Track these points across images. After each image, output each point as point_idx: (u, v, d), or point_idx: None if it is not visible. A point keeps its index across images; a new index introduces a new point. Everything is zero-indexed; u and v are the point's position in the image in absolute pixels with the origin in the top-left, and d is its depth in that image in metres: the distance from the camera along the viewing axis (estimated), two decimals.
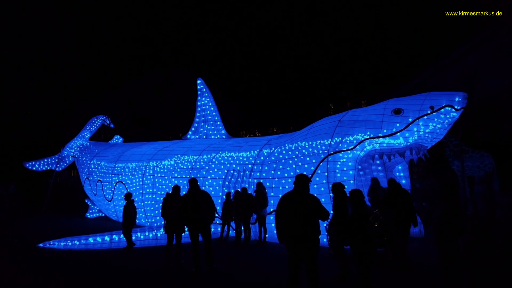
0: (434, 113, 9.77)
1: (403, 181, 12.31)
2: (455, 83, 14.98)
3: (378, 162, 12.21)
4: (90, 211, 19.34)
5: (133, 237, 10.81)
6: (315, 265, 5.66)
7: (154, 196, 14.59)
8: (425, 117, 9.80)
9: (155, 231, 11.41)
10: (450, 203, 6.22)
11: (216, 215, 12.13)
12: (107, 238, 10.98)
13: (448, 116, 9.92)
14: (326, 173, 10.37)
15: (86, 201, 19.62)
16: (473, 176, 16.51)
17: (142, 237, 11.15)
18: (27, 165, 21.10)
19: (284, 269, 5.98)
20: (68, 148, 21.05)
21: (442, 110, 9.77)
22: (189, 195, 8.17)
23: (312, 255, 5.64)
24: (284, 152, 11.97)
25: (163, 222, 9.62)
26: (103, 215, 18.66)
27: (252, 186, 12.05)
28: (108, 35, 35.41)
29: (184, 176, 13.91)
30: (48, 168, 21.35)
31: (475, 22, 16.56)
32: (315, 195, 10.14)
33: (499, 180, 16.03)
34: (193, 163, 14.04)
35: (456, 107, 9.79)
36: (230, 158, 13.41)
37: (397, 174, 12.45)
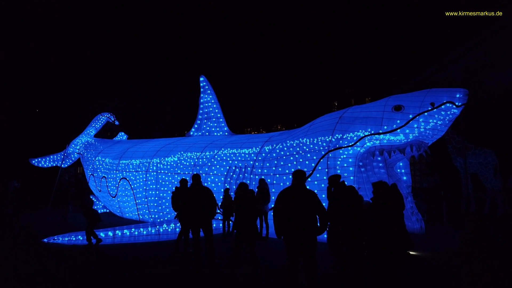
0: (435, 109, 9.79)
1: (404, 178, 12.35)
2: (457, 81, 14.96)
3: (379, 158, 12.25)
4: (95, 207, 19.54)
5: (120, 233, 11.23)
6: (313, 260, 5.72)
7: (157, 192, 14.74)
8: (426, 113, 9.82)
9: (157, 226, 11.55)
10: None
11: (218, 210, 12.31)
12: (110, 233, 11.13)
13: (449, 112, 9.93)
14: (326, 170, 10.43)
15: (91, 197, 19.83)
16: (476, 173, 16.48)
17: (144, 232, 11.30)
18: (33, 161, 21.38)
19: (285, 264, 6.06)
20: (73, 145, 21.29)
21: (442, 106, 9.80)
22: (191, 191, 8.29)
23: (310, 250, 5.71)
24: (285, 148, 12.04)
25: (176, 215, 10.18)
26: (108, 211, 18.88)
27: (254, 183, 12.14)
28: (113, 33, 35.59)
29: (187, 172, 14.03)
30: (54, 164, 21.62)
31: (475, 22, 16.52)
32: (316, 191, 10.27)
33: (502, 178, 15.99)
34: (196, 160, 14.16)
35: (457, 103, 9.80)
36: (232, 155, 13.50)
37: (398, 170, 12.49)
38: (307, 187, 10.38)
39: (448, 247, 9.78)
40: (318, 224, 5.94)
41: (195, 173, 8.91)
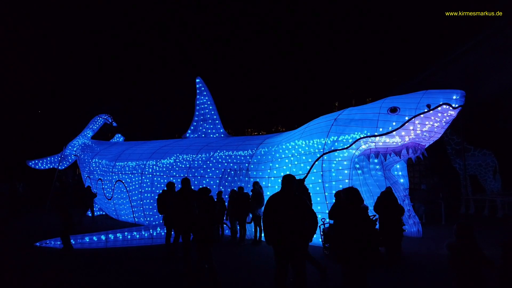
0: (431, 111, 9.62)
1: (401, 180, 12.20)
2: (456, 81, 14.79)
3: (375, 161, 12.10)
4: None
5: (129, 236, 10.97)
6: (302, 266, 5.61)
7: (152, 195, 14.60)
8: (422, 115, 9.65)
9: (151, 230, 11.42)
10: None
11: None
12: (103, 237, 11.00)
13: (445, 114, 9.76)
14: (321, 173, 10.26)
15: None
16: (475, 174, 16.30)
17: (138, 236, 11.16)
18: (30, 163, 21.30)
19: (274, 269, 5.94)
20: (70, 147, 21.19)
21: (439, 108, 9.62)
22: (180, 195, 8.17)
23: (299, 256, 5.59)
24: (280, 151, 11.89)
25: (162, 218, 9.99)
26: (104, 213, 18.76)
27: (249, 185, 11.99)
28: (111, 34, 35.53)
29: (182, 175, 13.89)
30: (51, 166, 21.53)
31: (475, 22, 16.36)
32: (311, 194, 10.10)
33: (501, 179, 15.81)
34: (191, 162, 14.02)
35: (453, 105, 9.62)
36: (227, 157, 13.36)
37: (395, 173, 12.33)
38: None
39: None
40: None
41: (184, 177, 8.76)
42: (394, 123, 9.77)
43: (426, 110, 9.58)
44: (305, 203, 5.80)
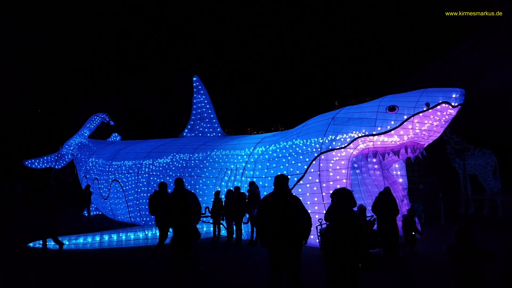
0: (430, 110, 9.46)
1: (400, 180, 12.05)
2: (457, 81, 14.65)
3: (374, 160, 11.95)
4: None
5: (123, 237, 10.83)
6: (296, 267, 5.49)
7: (148, 194, 14.41)
8: (421, 114, 9.49)
9: (146, 231, 11.26)
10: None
11: (209, 214, 12.02)
12: (97, 238, 10.85)
13: (444, 113, 9.60)
14: (318, 172, 10.11)
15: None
16: (475, 174, 16.14)
17: (132, 236, 11.01)
18: (27, 163, 21.12)
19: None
20: (67, 146, 21.02)
21: (438, 107, 9.46)
22: (174, 196, 8.00)
23: (294, 257, 5.45)
24: (278, 150, 11.73)
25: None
26: (100, 213, 18.59)
27: (246, 185, 11.84)
28: (108, 33, 35.37)
29: (178, 174, 13.73)
30: (47, 166, 21.33)
31: (475, 22, 16.22)
32: (308, 194, 9.95)
33: (501, 178, 15.66)
34: (188, 161, 13.86)
35: (453, 103, 9.46)
36: (224, 156, 13.21)
37: (394, 172, 12.18)
38: (300, 189, 10.14)
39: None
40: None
41: (178, 177, 8.59)
42: (392, 122, 9.61)
43: (425, 109, 9.43)
44: (299, 204, 5.66)
